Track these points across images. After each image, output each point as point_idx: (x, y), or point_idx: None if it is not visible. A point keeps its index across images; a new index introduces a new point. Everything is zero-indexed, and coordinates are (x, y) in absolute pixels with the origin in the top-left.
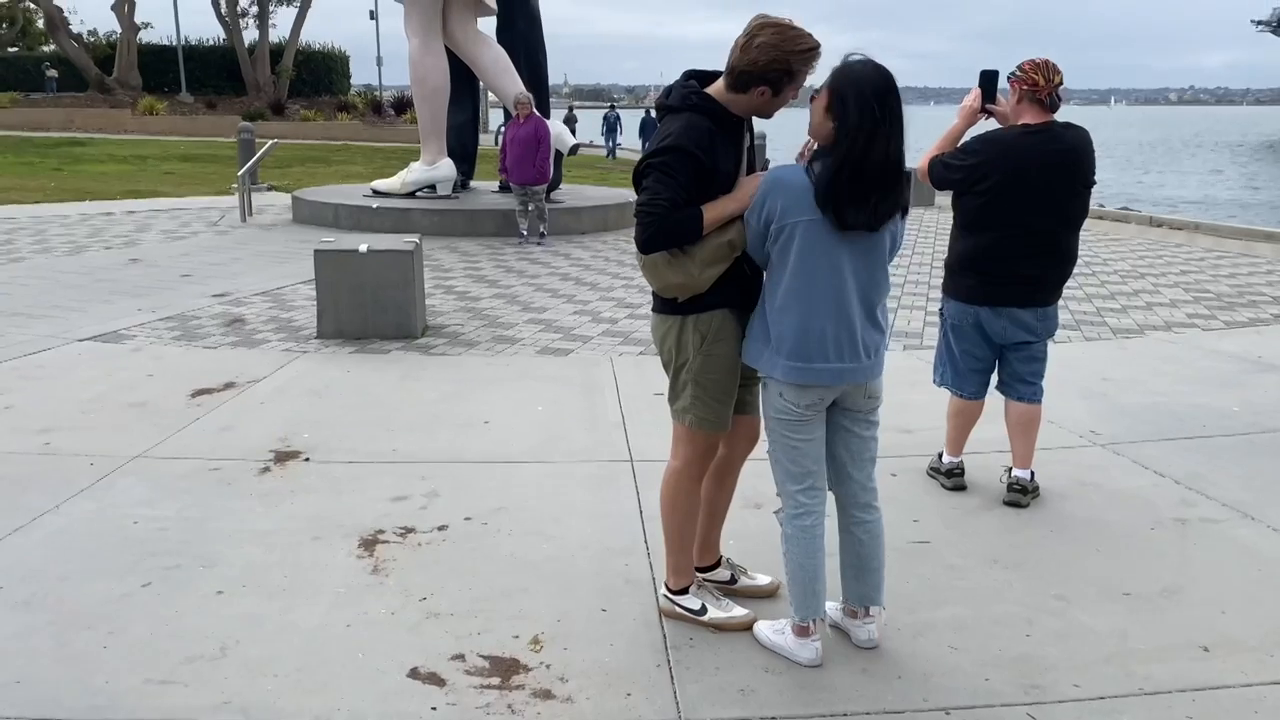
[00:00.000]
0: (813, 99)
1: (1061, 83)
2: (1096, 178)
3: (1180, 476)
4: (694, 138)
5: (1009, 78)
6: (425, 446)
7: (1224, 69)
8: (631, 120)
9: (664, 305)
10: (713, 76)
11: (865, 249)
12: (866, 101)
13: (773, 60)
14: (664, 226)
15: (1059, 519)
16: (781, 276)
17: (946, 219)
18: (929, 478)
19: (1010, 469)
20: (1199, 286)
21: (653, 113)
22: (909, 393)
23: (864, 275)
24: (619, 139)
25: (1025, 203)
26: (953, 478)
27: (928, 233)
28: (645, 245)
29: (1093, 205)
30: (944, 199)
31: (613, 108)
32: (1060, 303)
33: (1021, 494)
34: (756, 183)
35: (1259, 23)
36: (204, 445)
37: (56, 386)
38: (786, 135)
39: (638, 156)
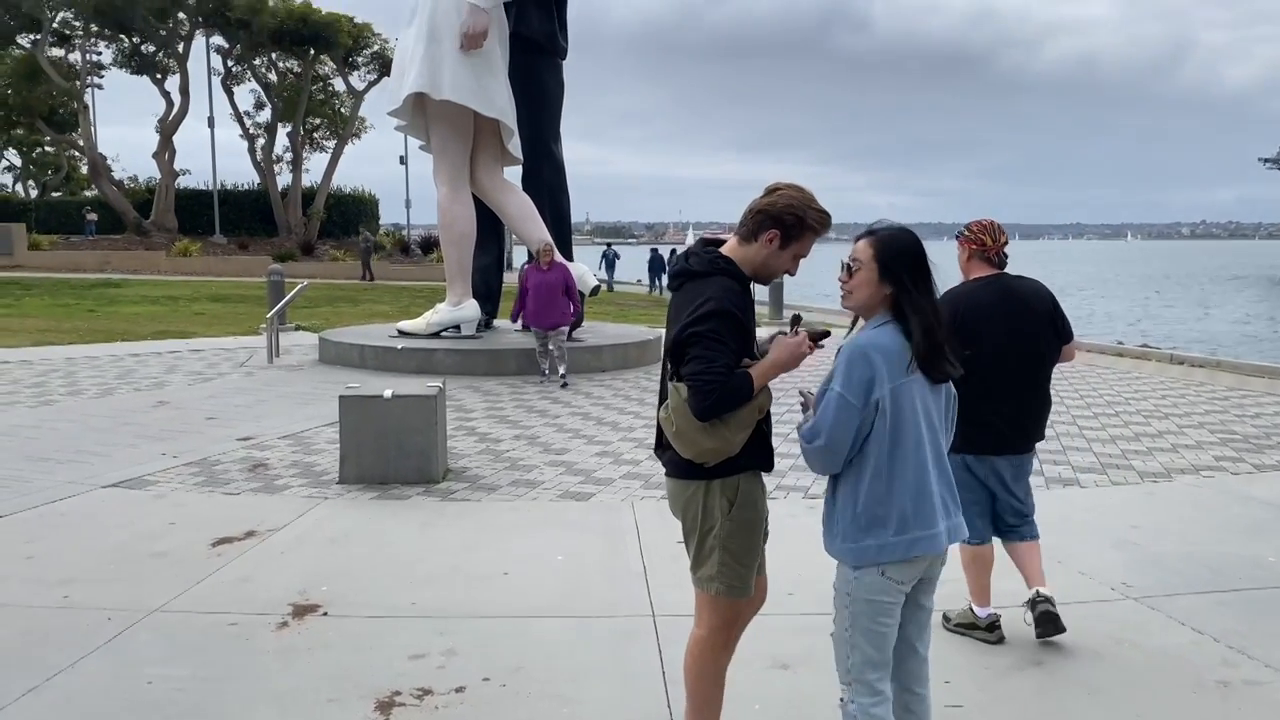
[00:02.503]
0: (851, 273)
1: (1007, 243)
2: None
3: (1219, 634)
4: (733, 300)
5: (957, 236)
6: (444, 599)
7: (1235, 204)
8: (634, 255)
9: (688, 470)
10: (720, 244)
11: (940, 405)
12: (923, 267)
13: (790, 205)
14: (724, 394)
15: (1096, 680)
16: (882, 448)
17: None
18: (954, 633)
19: (1032, 598)
20: (1224, 427)
21: (659, 250)
22: None
23: (941, 433)
24: (614, 274)
25: (991, 349)
26: (994, 631)
27: None
28: (705, 414)
29: (1110, 342)
30: None
31: (610, 245)
32: (1084, 444)
33: (1050, 606)
34: (792, 344)
35: (1266, 160)
36: (223, 598)
37: (78, 535)
38: (807, 274)
39: (639, 290)
